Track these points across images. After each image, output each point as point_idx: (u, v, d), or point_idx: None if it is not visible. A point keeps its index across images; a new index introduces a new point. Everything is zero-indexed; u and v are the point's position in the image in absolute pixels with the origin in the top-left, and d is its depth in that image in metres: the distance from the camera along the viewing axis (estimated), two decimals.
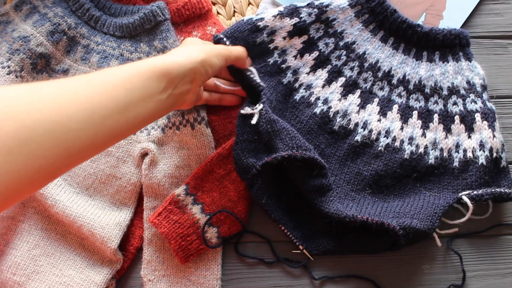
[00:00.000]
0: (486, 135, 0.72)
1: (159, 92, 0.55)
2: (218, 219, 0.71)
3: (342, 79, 0.76)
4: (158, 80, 0.55)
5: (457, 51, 0.76)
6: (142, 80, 0.54)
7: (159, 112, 0.57)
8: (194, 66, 0.60)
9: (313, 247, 0.72)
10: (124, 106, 0.51)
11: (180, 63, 0.58)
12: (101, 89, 0.50)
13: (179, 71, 0.58)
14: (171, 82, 0.57)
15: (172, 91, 0.57)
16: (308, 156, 0.67)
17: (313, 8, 0.76)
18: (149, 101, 0.54)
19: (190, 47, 0.64)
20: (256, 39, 0.74)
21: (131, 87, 0.52)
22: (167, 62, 0.57)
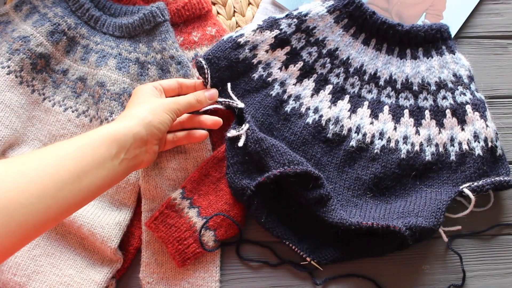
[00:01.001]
0: (479, 125, 0.72)
1: (110, 158, 0.56)
2: (214, 222, 0.71)
3: (329, 87, 0.76)
4: (107, 146, 0.56)
5: (440, 45, 0.76)
6: (92, 148, 0.55)
7: (114, 178, 0.57)
8: (144, 128, 0.60)
9: (321, 257, 0.72)
10: (76, 175, 0.52)
11: (128, 127, 0.59)
12: (53, 161, 0.51)
13: (128, 135, 0.59)
14: (122, 147, 0.58)
15: (124, 155, 0.58)
16: (300, 170, 0.67)
17: (292, 19, 0.76)
18: (102, 168, 0.55)
19: (136, 108, 0.63)
20: (238, 55, 0.74)
21: (81, 156, 0.53)
22: (116, 128, 0.58)
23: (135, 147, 0.60)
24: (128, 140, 0.58)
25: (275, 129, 0.74)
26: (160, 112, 0.63)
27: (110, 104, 0.75)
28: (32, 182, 0.48)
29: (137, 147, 0.60)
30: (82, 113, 0.77)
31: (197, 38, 0.81)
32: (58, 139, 0.76)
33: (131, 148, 0.59)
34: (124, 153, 0.58)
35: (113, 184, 0.59)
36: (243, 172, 0.71)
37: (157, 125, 0.62)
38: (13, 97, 0.74)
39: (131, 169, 0.61)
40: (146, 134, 0.61)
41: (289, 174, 0.67)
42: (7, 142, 0.72)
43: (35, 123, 0.76)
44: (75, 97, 0.77)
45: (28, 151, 0.73)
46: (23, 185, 0.47)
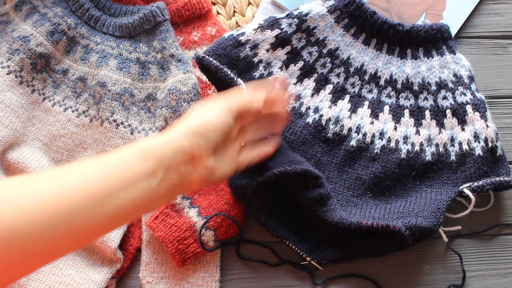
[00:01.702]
0: (479, 125, 0.72)
1: (145, 177, 0.45)
2: (215, 222, 0.71)
3: (330, 86, 0.76)
4: (141, 163, 0.46)
5: (440, 45, 0.76)
6: (121, 165, 0.45)
7: (152, 201, 0.47)
8: (187, 140, 0.50)
9: (321, 257, 0.71)
10: (99, 198, 0.43)
11: (168, 140, 0.49)
12: (71, 181, 0.43)
13: (167, 149, 0.48)
14: (159, 164, 0.47)
15: (163, 174, 0.47)
16: (300, 169, 0.66)
17: (293, 18, 0.76)
18: (134, 189, 0.45)
19: (182, 120, 0.53)
20: (239, 54, 0.74)
21: (107, 175, 0.44)
22: (153, 142, 0.48)
23: (178, 164, 0.48)
24: (167, 155, 0.47)
25: None
26: (206, 115, 0.52)
27: (111, 104, 0.75)
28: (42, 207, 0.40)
29: (180, 163, 0.49)
30: (82, 113, 0.77)
31: (197, 38, 0.81)
32: (58, 139, 0.76)
33: (173, 165, 0.48)
34: (163, 171, 0.47)
35: (152, 208, 0.50)
36: (243, 172, 0.71)
37: (205, 133, 0.51)
38: (13, 97, 0.74)
39: (177, 190, 0.50)
40: (191, 147, 0.49)
41: (289, 173, 0.67)
42: (7, 142, 0.72)
43: (35, 123, 0.76)
44: (75, 97, 0.77)
45: (28, 151, 0.73)
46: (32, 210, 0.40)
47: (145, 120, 0.76)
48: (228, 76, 0.71)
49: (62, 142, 0.76)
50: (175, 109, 0.73)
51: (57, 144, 0.76)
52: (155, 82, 0.77)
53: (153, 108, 0.76)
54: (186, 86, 0.74)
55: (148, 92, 0.77)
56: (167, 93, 0.74)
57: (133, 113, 0.76)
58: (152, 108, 0.76)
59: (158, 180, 0.47)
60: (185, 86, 0.74)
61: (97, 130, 0.76)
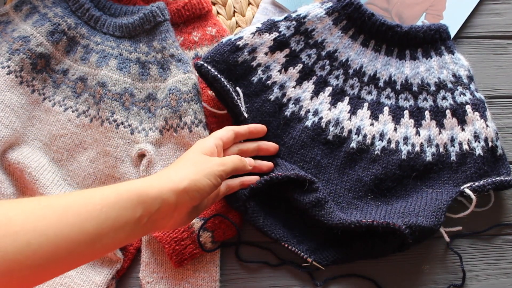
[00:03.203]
0: (479, 125, 0.72)
1: (133, 222, 0.51)
2: (212, 223, 0.71)
3: (329, 89, 0.76)
4: (133, 209, 0.51)
5: (439, 46, 0.76)
6: (117, 209, 0.50)
7: (129, 240, 0.53)
8: (175, 195, 0.55)
9: (321, 258, 0.71)
10: (93, 238, 0.48)
11: (159, 190, 0.54)
12: (72, 221, 0.47)
13: (157, 199, 0.53)
14: (147, 211, 0.52)
15: (147, 220, 0.52)
16: (291, 174, 0.66)
17: (291, 21, 0.75)
18: (121, 231, 0.50)
19: (178, 170, 0.58)
20: (237, 58, 0.74)
21: (105, 217, 0.49)
22: (148, 189, 0.53)
23: (160, 213, 0.54)
24: (155, 205, 0.53)
25: (273, 135, 0.74)
26: (200, 178, 0.57)
27: (111, 105, 0.75)
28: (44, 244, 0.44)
29: (162, 213, 0.54)
30: (82, 113, 0.76)
31: (197, 38, 0.81)
32: (58, 139, 0.76)
33: (156, 213, 0.53)
34: (147, 218, 0.52)
35: (125, 244, 0.55)
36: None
37: (192, 193, 0.56)
38: (13, 97, 0.74)
39: (150, 231, 0.56)
40: (176, 202, 0.55)
41: (280, 178, 0.67)
42: (7, 142, 0.72)
43: (35, 123, 0.76)
44: (75, 97, 0.77)
45: (28, 151, 0.73)
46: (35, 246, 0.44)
47: (145, 120, 0.76)
48: (224, 88, 0.71)
49: (62, 142, 0.76)
50: (175, 109, 0.73)
51: (57, 144, 0.76)
52: (155, 82, 0.77)
53: (153, 108, 0.76)
54: (186, 86, 0.74)
55: (148, 92, 0.77)
56: (167, 93, 0.74)
57: (133, 113, 0.76)
58: (153, 108, 0.76)
59: (142, 225, 0.52)
60: (185, 86, 0.74)
61: (97, 130, 0.76)
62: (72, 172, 0.75)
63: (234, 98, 0.71)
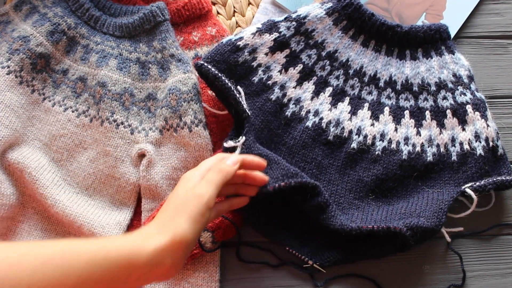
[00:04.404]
0: (480, 125, 0.72)
1: (122, 282, 0.49)
2: (213, 224, 0.71)
3: (329, 89, 0.76)
4: (122, 272, 0.49)
5: (439, 46, 0.76)
6: (102, 267, 0.48)
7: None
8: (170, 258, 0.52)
9: (322, 260, 0.71)
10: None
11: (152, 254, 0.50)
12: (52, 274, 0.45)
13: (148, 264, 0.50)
14: (138, 274, 0.50)
15: (136, 280, 0.50)
16: (295, 182, 0.65)
17: (291, 21, 0.75)
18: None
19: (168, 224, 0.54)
20: (238, 59, 0.73)
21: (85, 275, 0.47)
22: (140, 252, 0.50)
23: (152, 274, 0.51)
24: (147, 268, 0.50)
25: (275, 135, 0.74)
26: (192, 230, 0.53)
27: (111, 105, 0.75)
28: None
29: (155, 273, 0.52)
30: (82, 113, 0.76)
31: (197, 38, 0.81)
32: (58, 139, 0.76)
33: (148, 274, 0.51)
34: (138, 278, 0.50)
35: None
36: None
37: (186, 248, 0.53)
38: (13, 97, 0.74)
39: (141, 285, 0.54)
40: (171, 263, 0.52)
41: (283, 189, 0.66)
42: (7, 142, 0.72)
43: (35, 123, 0.76)
44: (75, 97, 0.77)
45: (28, 151, 0.73)
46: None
47: (145, 120, 0.76)
48: (225, 86, 0.71)
49: (62, 142, 0.76)
50: (175, 109, 0.73)
51: (57, 144, 0.76)
52: (155, 82, 0.77)
53: (153, 108, 0.76)
54: (186, 86, 0.74)
55: (148, 92, 0.77)
56: (167, 93, 0.74)
57: (133, 113, 0.76)
58: (152, 108, 0.76)
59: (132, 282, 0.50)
60: (185, 86, 0.74)
61: (97, 130, 0.76)
62: (72, 172, 0.75)
63: (236, 95, 0.71)
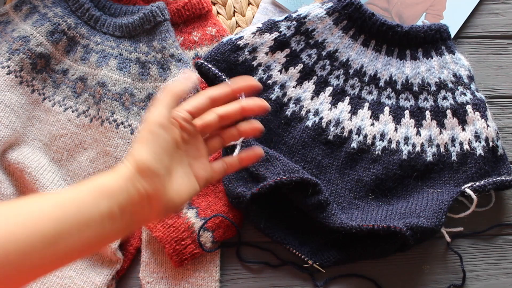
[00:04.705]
0: (480, 125, 0.72)
1: (99, 216, 0.44)
2: (213, 223, 0.71)
3: (329, 89, 0.76)
4: (96, 203, 0.45)
5: (439, 46, 0.76)
6: (76, 204, 0.44)
7: (104, 239, 0.47)
8: (136, 182, 0.46)
9: (323, 259, 0.71)
10: (52, 238, 0.42)
11: (122, 178, 0.46)
12: (24, 220, 0.42)
13: (121, 188, 0.46)
14: (115, 202, 0.45)
15: (119, 212, 0.45)
16: (296, 177, 0.66)
17: (292, 21, 0.75)
18: (87, 229, 0.44)
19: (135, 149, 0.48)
20: (238, 58, 0.74)
21: (62, 214, 0.43)
22: (109, 180, 0.46)
23: (133, 203, 0.46)
24: (121, 195, 0.46)
25: (274, 134, 0.74)
26: (146, 147, 0.48)
27: (111, 105, 0.75)
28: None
29: (135, 203, 0.47)
30: (82, 113, 0.76)
31: (197, 38, 0.81)
32: (58, 139, 0.76)
33: (128, 204, 0.46)
34: (118, 211, 0.45)
35: (104, 245, 0.49)
36: (238, 180, 0.71)
37: (150, 167, 0.47)
38: (13, 97, 0.74)
39: (133, 227, 0.49)
40: (144, 187, 0.47)
41: (284, 183, 0.66)
42: (7, 142, 0.72)
43: (35, 123, 0.76)
44: (75, 97, 0.77)
45: (28, 151, 0.73)
46: None
47: None
48: None
49: (62, 142, 0.76)
50: None
51: (57, 144, 0.76)
52: (155, 82, 0.77)
53: None
54: None
55: (148, 92, 0.77)
56: None
57: (133, 113, 0.76)
58: None
59: (113, 220, 0.45)
60: None
61: (97, 130, 0.76)
62: (72, 172, 0.75)
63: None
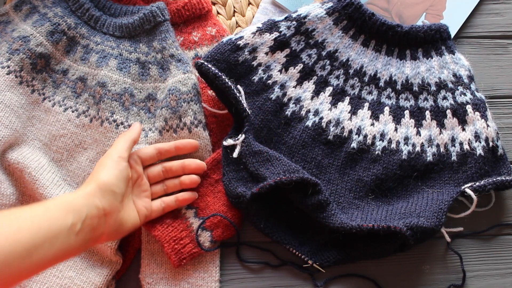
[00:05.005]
0: (480, 125, 0.72)
1: (66, 229, 0.52)
2: (211, 223, 0.71)
3: (329, 89, 0.76)
4: (63, 217, 0.53)
5: (439, 46, 0.76)
6: (48, 219, 0.51)
7: (68, 251, 0.53)
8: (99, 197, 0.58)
9: (323, 259, 0.71)
10: (29, 249, 0.48)
11: (84, 195, 0.57)
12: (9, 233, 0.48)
13: (83, 205, 0.55)
14: (77, 218, 0.54)
15: (80, 226, 0.54)
16: (296, 177, 0.66)
17: (292, 21, 0.75)
18: (56, 241, 0.51)
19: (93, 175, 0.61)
20: (238, 58, 0.74)
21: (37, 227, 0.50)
22: (74, 197, 0.56)
23: (92, 217, 0.56)
24: (83, 211, 0.55)
25: (274, 134, 0.74)
26: (108, 171, 0.61)
27: (111, 105, 0.75)
28: None
29: (93, 217, 0.56)
30: (82, 113, 0.76)
31: (197, 38, 0.81)
32: (58, 139, 0.76)
33: (87, 218, 0.55)
34: (80, 224, 0.54)
35: (67, 257, 0.55)
36: (239, 179, 0.71)
37: (110, 188, 0.59)
38: (13, 97, 0.74)
39: (89, 242, 0.57)
40: (101, 203, 0.58)
41: (284, 182, 0.66)
42: (7, 142, 0.72)
43: (35, 123, 0.76)
44: (75, 97, 0.77)
45: (28, 151, 0.73)
46: None
47: (145, 120, 0.76)
48: (225, 84, 0.71)
49: (62, 142, 0.76)
50: (175, 110, 0.73)
51: (57, 144, 0.76)
52: (155, 82, 0.77)
53: (153, 108, 0.76)
54: (186, 86, 0.74)
55: (148, 92, 0.77)
56: (167, 94, 0.74)
57: (133, 113, 0.76)
58: (152, 109, 0.76)
59: (76, 233, 0.53)
60: (185, 86, 0.74)
61: (97, 130, 0.76)
62: (72, 172, 0.75)
63: (236, 94, 0.71)
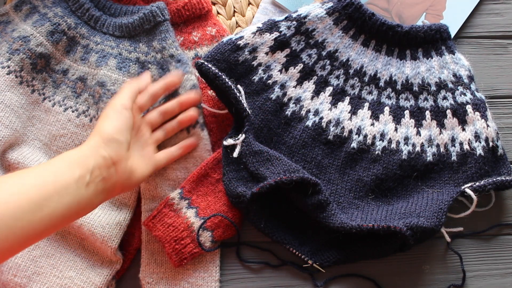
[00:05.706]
0: (480, 125, 0.72)
1: (74, 181, 0.52)
2: (212, 223, 0.71)
3: (329, 89, 0.76)
4: (69, 169, 0.53)
5: (439, 46, 0.76)
6: (53, 172, 0.51)
7: (82, 204, 0.53)
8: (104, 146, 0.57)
9: (323, 259, 0.71)
10: (38, 203, 0.49)
11: (89, 147, 0.57)
12: (11, 188, 0.48)
13: (90, 155, 0.55)
14: (84, 169, 0.54)
15: (89, 178, 0.54)
16: (296, 177, 0.66)
17: (292, 21, 0.75)
18: (65, 194, 0.51)
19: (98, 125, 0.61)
20: (238, 58, 0.73)
21: (42, 182, 0.50)
22: (79, 150, 0.56)
23: (100, 167, 0.56)
24: (90, 162, 0.55)
25: (274, 134, 0.74)
26: (111, 121, 0.60)
27: None
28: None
29: (101, 167, 0.56)
30: (82, 113, 0.76)
31: (197, 38, 0.81)
32: (58, 139, 0.76)
33: (95, 169, 0.55)
34: (88, 175, 0.54)
35: (83, 212, 0.55)
36: (239, 179, 0.71)
37: (114, 137, 0.59)
38: (13, 97, 0.74)
39: (103, 194, 0.57)
40: (108, 153, 0.57)
41: (285, 182, 0.66)
42: (7, 142, 0.72)
43: (35, 123, 0.76)
44: (75, 97, 0.77)
45: (28, 151, 0.73)
46: None
47: None
48: (226, 84, 0.71)
49: (62, 142, 0.76)
50: None
51: (57, 144, 0.76)
52: None
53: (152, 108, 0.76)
54: (184, 88, 0.74)
55: None
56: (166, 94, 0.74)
57: None
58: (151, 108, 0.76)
59: (85, 184, 0.53)
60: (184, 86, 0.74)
61: None
62: None
63: (236, 94, 0.71)
